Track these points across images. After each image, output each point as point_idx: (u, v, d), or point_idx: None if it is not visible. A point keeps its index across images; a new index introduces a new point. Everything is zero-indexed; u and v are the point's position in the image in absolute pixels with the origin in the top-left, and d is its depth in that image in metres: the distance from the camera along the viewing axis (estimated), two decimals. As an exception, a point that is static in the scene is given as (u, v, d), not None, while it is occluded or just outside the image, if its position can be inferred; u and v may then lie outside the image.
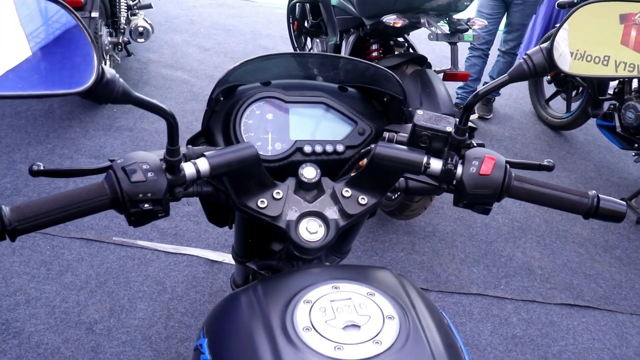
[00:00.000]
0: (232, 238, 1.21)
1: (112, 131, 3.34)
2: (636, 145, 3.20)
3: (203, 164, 0.81)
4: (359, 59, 1.03)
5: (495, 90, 0.83)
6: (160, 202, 0.76)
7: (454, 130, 0.87)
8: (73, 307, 2.19)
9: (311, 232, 0.91)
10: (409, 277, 0.90)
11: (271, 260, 1.09)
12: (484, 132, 4.05)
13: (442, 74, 2.77)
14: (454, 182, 0.88)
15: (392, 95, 1.04)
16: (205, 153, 0.83)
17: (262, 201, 0.90)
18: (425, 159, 0.87)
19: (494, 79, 4.11)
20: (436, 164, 0.88)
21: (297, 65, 1.08)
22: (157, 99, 3.83)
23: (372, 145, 0.96)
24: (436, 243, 2.85)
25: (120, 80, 0.66)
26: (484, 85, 3.98)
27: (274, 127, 1.02)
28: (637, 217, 3.15)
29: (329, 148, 1.03)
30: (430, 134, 0.88)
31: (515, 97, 4.64)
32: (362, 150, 0.98)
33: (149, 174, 0.75)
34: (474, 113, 4.18)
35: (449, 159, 0.87)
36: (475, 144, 0.93)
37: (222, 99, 1.01)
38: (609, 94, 3.52)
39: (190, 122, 3.58)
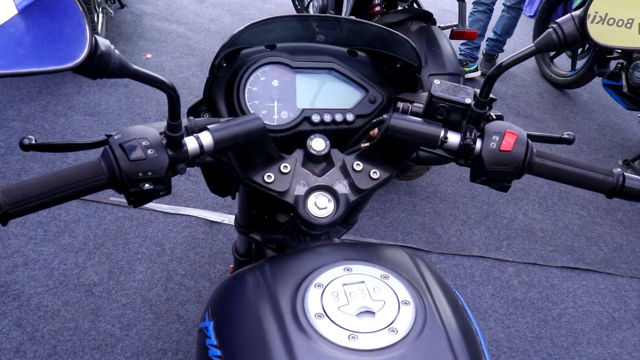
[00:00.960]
0: (232, 198, 1.17)
1: (106, 87, 3.25)
2: (643, 106, 3.14)
3: (206, 139, 0.76)
4: (370, 22, 0.96)
5: (520, 61, 0.77)
6: (161, 181, 0.71)
7: (473, 102, 0.82)
8: (72, 269, 2.17)
9: (320, 207, 0.86)
10: (422, 255, 0.86)
11: (277, 234, 1.05)
12: (486, 90, 3.97)
13: (447, 31, 2.67)
14: (472, 157, 0.83)
15: (406, 62, 0.98)
16: (208, 126, 0.77)
17: (268, 175, 0.85)
18: (442, 133, 0.82)
19: (498, 34, 4.02)
20: (454, 138, 0.83)
21: (303, 27, 1.01)
22: (152, 53, 3.73)
23: (385, 115, 0.91)
24: (438, 204, 2.82)
25: (116, 52, 0.59)
26: (486, 41, 3.85)
27: (279, 95, 0.96)
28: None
29: (339, 117, 0.97)
30: (448, 105, 0.83)
31: (519, 53, 4.52)
32: (374, 120, 0.92)
33: (149, 151, 0.70)
34: (477, 70, 4.09)
35: (468, 133, 0.82)
36: (494, 116, 0.88)
37: (224, 64, 0.95)
38: (617, 52, 3.42)
39: (187, 78, 3.48)
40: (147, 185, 0.70)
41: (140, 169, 0.69)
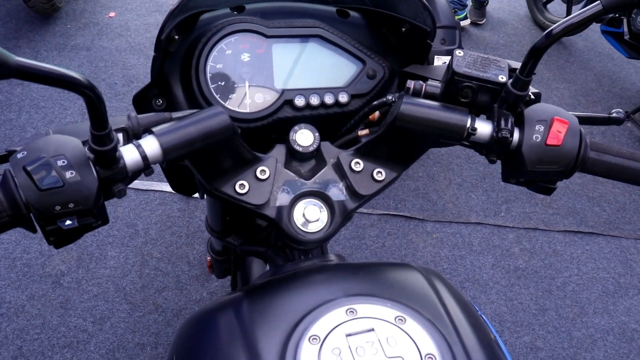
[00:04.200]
0: (200, 198, 0.97)
1: (66, 51, 2.96)
2: (645, 53, 2.94)
3: (151, 146, 0.56)
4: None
5: (580, 25, 0.57)
6: (90, 212, 0.51)
7: (510, 80, 0.62)
8: (36, 258, 1.97)
9: (310, 219, 0.67)
10: (438, 272, 0.68)
11: (257, 245, 0.86)
12: (477, 39, 3.73)
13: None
14: (507, 152, 0.64)
15: (414, 25, 0.76)
16: (154, 129, 0.56)
17: (241, 184, 0.65)
18: (469, 122, 0.63)
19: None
20: (484, 128, 0.63)
21: None
22: (116, 11, 3.42)
23: (390, 96, 0.71)
24: (431, 167, 2.64)
25: None
26: None
27: (252, 73, 0.75)
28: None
29: (329, 98, 0.77)
30: (476, 85, 0.63)
31: (509, -1, 4.27)
32: (375, 103, 0.72)
33: (68, 174, 0.49)
34: (467, 19, 3.84)
35: (502, 122, 0.62)
36: (532, 95, 0.68)
37: (177, 37, 0.73)
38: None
39: (155, 37, 3.19)
40: (68, 222, 0.50)
41: (57, 200, 0.49)
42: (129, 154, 0.54)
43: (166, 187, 2.29)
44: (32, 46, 2.93)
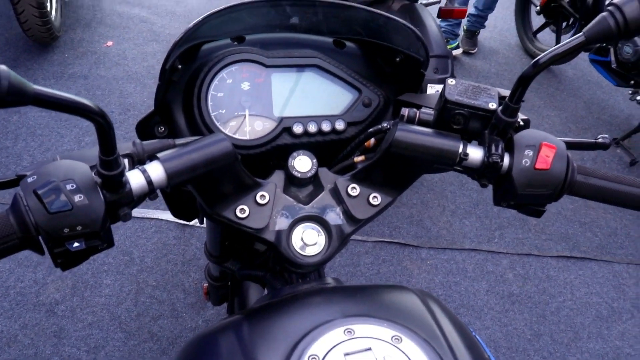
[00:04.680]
0: (199, 223, 0.99)
1: (64, 79, 2.99)
2: (632, 82, 3.01)
3: (156, 172, 0.58)
4: (362, 6, 0.78)
5: (566, 55, 0.60)
6: (97, 235, 0.53)
7: (500, 107, 0.64)
8: (30, 286, 1.96)
9: (308, 243, 0.69)
10: (432, 294, 0.69)
11: (256, 269, 0.87)
12: (469, 68, 3.81)
13: (431, 7, 2.49)
14: (498, 176, 0.67)
15: (408, 55, 0.80)
16: (159, 155, 0.59)
17: (241, 209, 0.67)
18: (461, 147, 0.65)
19: (480, 9, 3.84)
20: (475, 154, 0.66)
21: (278, 14, 0.82)
22: (113, 40, 3.45)
23: (385, 124, 0.73)
24: (425, 194, 2.67)
25: (4, 68, 0.40)
26: (467, 17, 3.60)
27: (251, 101, 0.78)
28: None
29: (326, 126, 0.79)
30: (467, 112, 0.65)
31: (500, 29, 4.37)
32: (371, 130, 0.75)
33: (77, 197, 0.51)
34: (459, 48, 3.92)
35: (493, 147, 0.65)
36: (521, 122, 0.71)
37: (180, 66, 0.76)
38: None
39: (152, 66, 3.24)
40: (76, 244, 0.51)
41: (66, 223, 0.50)
42: (135, 179, 0.56)
43: (162, 215, 2.30)
44: (29, 74, 2.97)
